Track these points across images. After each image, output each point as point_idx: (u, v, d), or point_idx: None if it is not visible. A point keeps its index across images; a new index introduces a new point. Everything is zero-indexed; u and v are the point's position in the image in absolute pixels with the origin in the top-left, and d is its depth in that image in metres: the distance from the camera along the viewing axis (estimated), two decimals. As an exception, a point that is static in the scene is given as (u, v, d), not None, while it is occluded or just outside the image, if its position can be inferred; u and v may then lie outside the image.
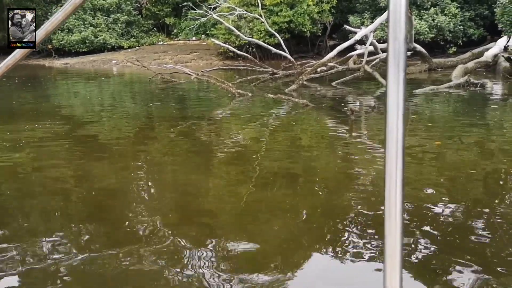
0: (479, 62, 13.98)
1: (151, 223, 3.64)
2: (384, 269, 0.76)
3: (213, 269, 2.87)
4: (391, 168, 0.73)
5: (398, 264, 0.75)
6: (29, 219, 3.84)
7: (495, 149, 5.82)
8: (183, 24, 25.95)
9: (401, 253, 0.75)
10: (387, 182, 0.74)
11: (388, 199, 0.74)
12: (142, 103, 10.51)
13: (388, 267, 0.75)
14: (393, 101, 0.72)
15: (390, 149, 0.73)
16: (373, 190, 4.32)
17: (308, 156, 5.74)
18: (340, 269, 2.93)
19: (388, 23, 0.72)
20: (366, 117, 8.37)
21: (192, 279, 2.80)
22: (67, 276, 2.85)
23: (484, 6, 18.43)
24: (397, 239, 0.75)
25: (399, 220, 0.75)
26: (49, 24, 0.94)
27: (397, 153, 0.73)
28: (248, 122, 7.99)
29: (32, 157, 5.78)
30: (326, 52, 17.80)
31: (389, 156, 0.73)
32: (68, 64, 22.34)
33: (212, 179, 4.90)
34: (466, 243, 3.23)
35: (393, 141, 0.72)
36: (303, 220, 3.70)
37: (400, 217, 0.75)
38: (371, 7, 19.48)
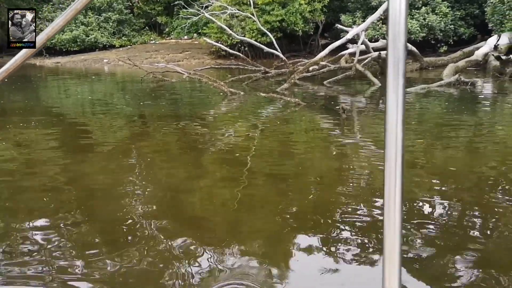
0: (470, 61, 14.09)
1: (140, 223, 3.64)
2: (383, 269, 0.75)
3: (206, 271, 2.88)
4: (391, 170, 0.73)
5: (397, 264, 0.75)
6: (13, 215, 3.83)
7: (482, 148, 5.88)
8: (175, 23, 25.90)
9: (400, 253, 0.74)
10: (387, 184, 0.73)
11: (387, 200, 0.74)
12: (134, 102, 10.48)
13: (387, 268, 0.75)
14: (392, 102, 0.72)
15: (390, 150, 0.72)
16: (365, 188, 4.35)
17: (299, 154, 5.77)
18: (337, 269, 2.93)
19: (388, 24, 0.71)
20: (357, 116, 8.41)
21: (183, 277, 2.82)
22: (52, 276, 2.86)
23: (475, 6, 18.58)
24: (396, 239, 0.74)
25: (398, 220, 0.74)
26: (50, 29, 0.95)
27: (397, 155, 0.72)
28: (240, 120, 8.01)
29: (20, 153, 5.76)
30: (318, 51, 17.86)
31: (388, 158, 0.73)
32: (59, 63, 22.23)
33: (203, 178, 4.90)
34: (460, 240, 3.27)
35: (393, 142, 0.72)
36: (294, 218, 3.72)
37: (399, 218, 0.74)
38: (362, 6, 19.56)
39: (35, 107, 10.00)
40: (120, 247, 3.21)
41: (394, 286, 0.75)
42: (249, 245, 3.24)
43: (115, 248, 3.19)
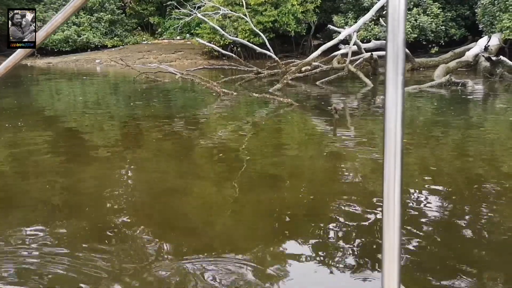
0: (461, 62, 14.21)
1: (129, 225, 3.65)
2: (382, 270, 0.75)
3: (198, 273, 2.89)
4: (389, 170, 0.72)
5: (396, 265, 0.75)
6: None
7: (470, 148, 5.94)
8: (167, 23, 25.87)
9: (399, 254, 0.74)
10: (385, 184, 0.73)
11: (386, 201, 0.73)
12: (126, 103, 10.47)
13: (386, 269, 0.75)
14: (391, 102, 0.72)
15: (389, 150, 0.72)
16: (358, 188, 4.39)
17: (291, 154, 5.80)
18: (335, 273, 2.93)
19: (387, 25, 0.71)
20: (350, 116, 8.46)
21: (174, 280, 2.83)
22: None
23: (466, 7, 18.74)
24: (396, 241, 0.74)
25: (397, 221, 0.74)
26: (49, 26, 0.97)
27: (396, 154, 0.72)
28: (233, 121, 8.03)
29: (8, 155, 5.75)
30: (311, 51, 17.91)
31: (387, 157, 0.72)
32: (51, 64, 22.12)
33: (195, 178, 4.92)
34: (450, 239, 3.31)
35: (392, 142, 0.72)
36: (287, 219, 3.74)
37: (399, 218, 0.74)
38: (354, 7, 19.65)
39: (24, 107, 9.96)
40: (106, 248, 3.22)
41: (394, 286, 0.75)
42: (240, 249, 3.22)
43: (102, 250, 3.20)
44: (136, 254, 3.10)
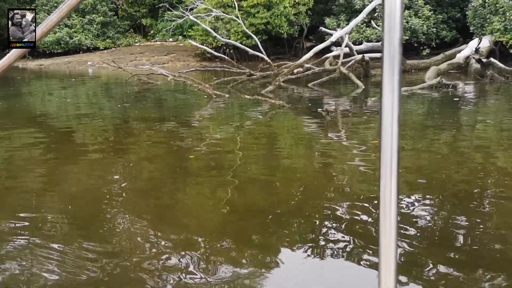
0: (452, 64, 14.31)
1: (123, 229, 3.67)
2: (379, 270, 0.75)
3: (194, 273, 2.90)
4: (386, 170, 0.72)
5: (393, 264, 0.75)
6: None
7: (460, 150, 6.00)
8: (160, 25, 25.81)
9: (395, 253, 0.75)
10: (382, 184, 0.73)
11: (383, 201, 0.74)
12: (118, 105, 10.45)
13: (383, 268, 0.75)
14: (388, 103, 0.71)
15: (385, 151, 0.72)
16: (350, 189, 4.43)
17: (284, 156, 5.83)
18: (332, 271, 2.95)
19: (383, 25, 0.71)
20: (341, 118, 8.50)
21: (172, 280, 2.85)
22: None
23: (457, 9, 18.88)
24: (392, 240, 0.74)
25: (394, 221, 0.74)
26: (45, 25, 0.97)
27: (392, 155, 0.72)
28: (225, 122, 8.05)
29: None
30: (303, 53, 17.93)
31: (383, 158, 0.72)
32: (43, 66, 21.99)
33: (187, 181, 4.93)
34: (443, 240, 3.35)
35: (388, 143, 0.71)
36: (281, 220, 3.76)
37: (395, 218, 0.74)
38: (346, 10, 19.74)
39: (15, 109, 9.92)
40: (99, 244, 3.23)
41: (391, 286, 0.75)
42: (234, 251, 3.22)
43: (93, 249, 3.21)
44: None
